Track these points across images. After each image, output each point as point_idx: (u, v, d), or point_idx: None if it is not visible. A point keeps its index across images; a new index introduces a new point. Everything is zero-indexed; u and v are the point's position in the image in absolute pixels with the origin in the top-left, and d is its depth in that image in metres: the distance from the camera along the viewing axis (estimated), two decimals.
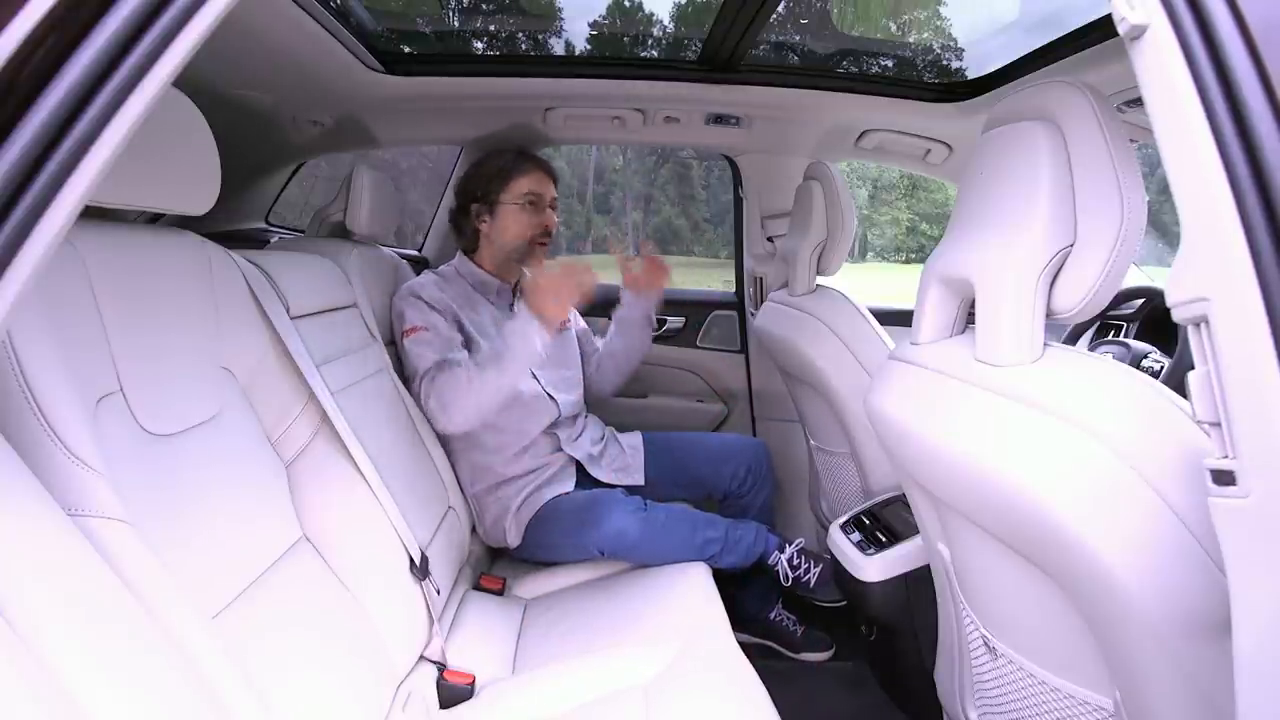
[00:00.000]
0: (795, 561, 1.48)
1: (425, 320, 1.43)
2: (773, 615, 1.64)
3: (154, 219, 1.47)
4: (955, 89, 1.69)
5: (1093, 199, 0.68)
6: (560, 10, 1.73)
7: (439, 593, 1.19)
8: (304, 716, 0.80)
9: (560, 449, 1.55)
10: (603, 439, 1.65)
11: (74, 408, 0.62)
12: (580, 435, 1.60)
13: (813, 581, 1.47)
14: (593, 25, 1.78)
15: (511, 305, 1.59)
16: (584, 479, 1.57)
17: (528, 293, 1.34)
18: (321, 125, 1.75)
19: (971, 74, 1.73)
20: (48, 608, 0.50)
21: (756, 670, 1.02)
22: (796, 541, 1.52)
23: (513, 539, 1.48)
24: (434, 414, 1.37)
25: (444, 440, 1.48)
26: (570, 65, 1.71)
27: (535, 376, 1.53)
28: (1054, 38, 1.37)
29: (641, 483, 1.61)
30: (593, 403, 1.77)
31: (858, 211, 1.61)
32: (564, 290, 1.33)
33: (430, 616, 1.11)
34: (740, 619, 1.49)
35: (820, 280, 1.64)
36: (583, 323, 1.79)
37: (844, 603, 1.40)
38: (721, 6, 1.36)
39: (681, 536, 1.40)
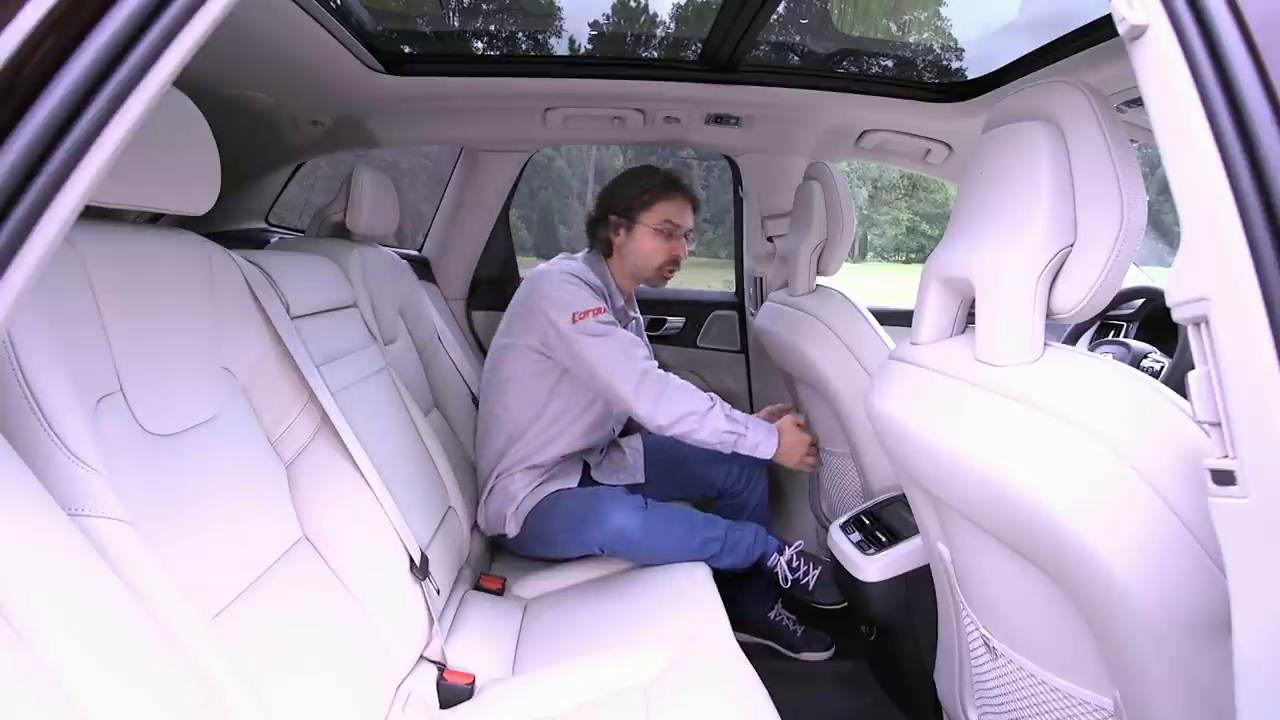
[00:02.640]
0: (794, 564, 1.48)
1: (596, 303, 1.44)
2: (773, 615, 1.64)
3: (154, 219, 1.47)
4: (955, 89, 1.69)
5: (1093, 199, 0.68)
6: (560, 10, 1.73)
7: (439, 593, 1.19)
8: (304, 716, 0.80)
9: None
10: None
11: (74, 407, 0.62)
12: None
13: (812, 584, 1.47)
14: (593, 25, 1.78)
15: (626, 324, 1.58)
16: (583, 479, 1.57)
17: (783, 434, 1.47)
18: (321, 125, 1.75)
19: (971, 74, 1.73)
20: (48, 608, 0.49)
21: (756, 670, 1.02)
22: (795, 544, 1.52)
23: (511, 529, 1.48)
24: (647, 409, 1.40)
25: (482, 412, 1.57)
26: (570, 65, 1.71)
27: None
28: (1054, 38, 1.37)
29: (641, 480, 1.62)
30: None
31: (858, 211, 1.61)
32: (800, 453, 1.50)
33: (430, 616, 1.11)
34: (740, 619, 1.49)
35: (820, 280, 1.64)
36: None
37: (843, 605, 1.40)
38: (722, 7, 1.36)
39: (681, 536, 1.40)
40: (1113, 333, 1.80)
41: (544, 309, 1.45)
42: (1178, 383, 0.80)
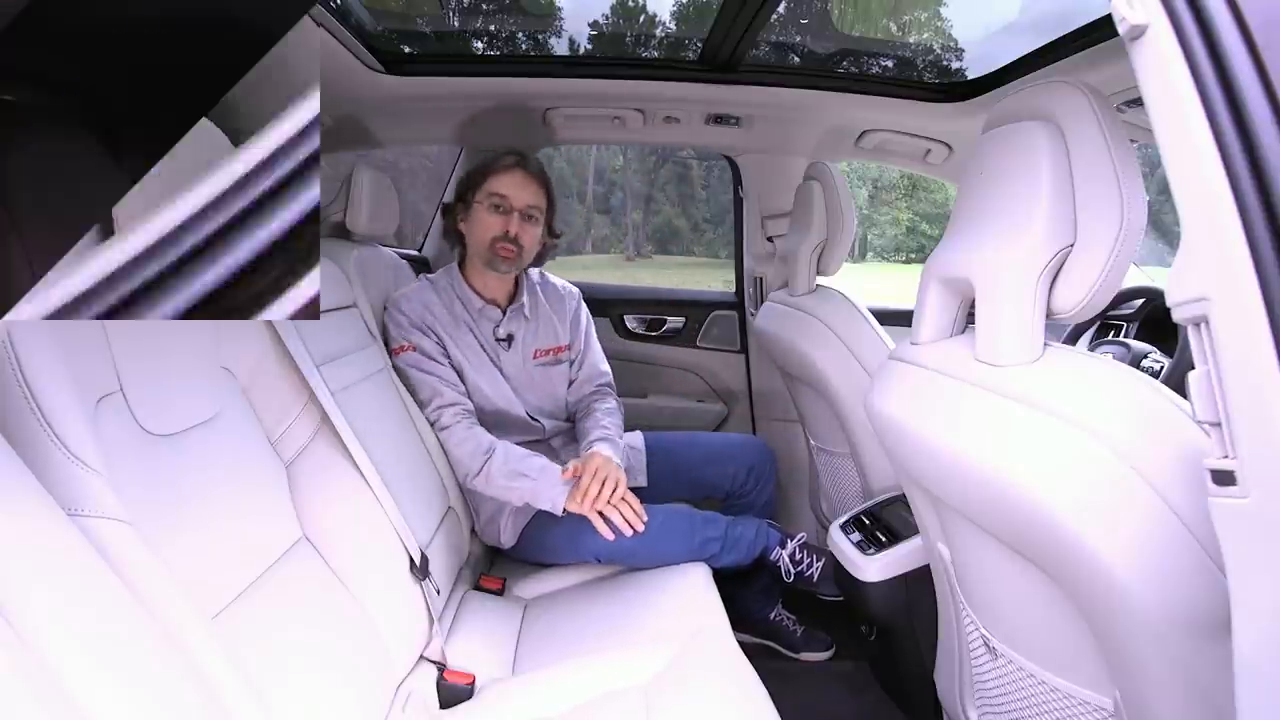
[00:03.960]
0: (797, 557, 1.47)
1: (408, 339, 1.43)
2: (773, 615, 1.63)
3: None
4: (955, 89, 1.69)
5: (1093, 199, 0.68)
6: (560, 10, 1.73)
7: (439, 593, 1.19)
8: (304, 716, 0.80)
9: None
10: None
11: (74, 408, 0.62)
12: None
13: (816, 576, 1.45)
14: (593, 25, 1.78)
15: (497, 328, 1.52)
16: None
17: (575, 488, 1.31)
18: (321, 125, 1.75)
19: (971, 74, 1.73)
20: (48, 608, 0.49)
21: (756, 670, 1.02)
22: (798, 536, 1.50)
23: (507, 539, 1.47)
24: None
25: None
26: (570, 65, 1.71)
27: (520, 399, 1.53)
28: (1054, 38, 1.37)
29: (644, 484, 1.60)
30: None
31: (858, 211, 1.61)
32: (595, 505, 1.29)
33: (430, 616, 1.11)
34: (740, 619, 1.48)
35: (820, 280, 1.64)
36: (589, 342, 1.67)
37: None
38: (722, 7, 1.36)
39: (680, 538, 1.39)
40: (1113, 333, 1.80)
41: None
42: (1178, 383, 0.80)
